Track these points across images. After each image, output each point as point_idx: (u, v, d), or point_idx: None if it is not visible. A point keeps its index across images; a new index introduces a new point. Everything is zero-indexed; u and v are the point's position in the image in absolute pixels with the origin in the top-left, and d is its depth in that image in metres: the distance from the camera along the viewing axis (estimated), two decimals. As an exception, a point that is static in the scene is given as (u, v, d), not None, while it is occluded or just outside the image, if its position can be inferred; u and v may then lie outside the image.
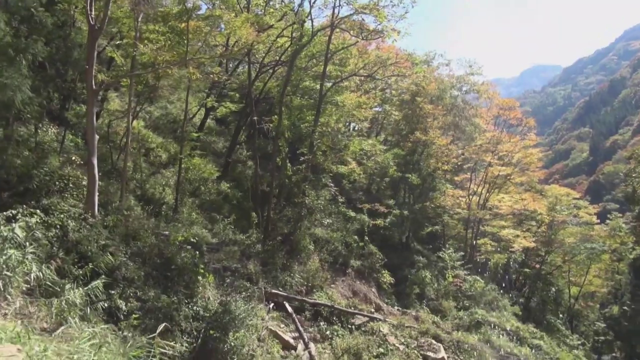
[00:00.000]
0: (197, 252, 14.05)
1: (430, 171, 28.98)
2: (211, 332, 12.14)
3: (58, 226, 11.90)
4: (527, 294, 42.89)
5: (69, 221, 12.26)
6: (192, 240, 14.10)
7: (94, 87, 13.22)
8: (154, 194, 19.47)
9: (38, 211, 11.64)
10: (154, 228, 14.90)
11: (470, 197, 35.16)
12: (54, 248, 11.19)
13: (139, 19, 15.10)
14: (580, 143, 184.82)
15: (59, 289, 9.52)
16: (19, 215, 10.73)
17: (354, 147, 25.15)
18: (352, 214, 25.92)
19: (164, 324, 10.43)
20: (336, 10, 21.65)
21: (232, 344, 12.07)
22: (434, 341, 17.70)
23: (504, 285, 42.12)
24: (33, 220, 10.76)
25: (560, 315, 44.00)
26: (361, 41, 25.93)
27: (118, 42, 17.89)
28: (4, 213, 10.40)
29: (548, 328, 37.80)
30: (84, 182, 13.71)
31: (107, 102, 24.67)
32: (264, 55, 26.31)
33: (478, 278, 27.48)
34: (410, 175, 27.49)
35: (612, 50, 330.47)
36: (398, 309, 21.91)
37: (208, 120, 34.05)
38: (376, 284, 22.87)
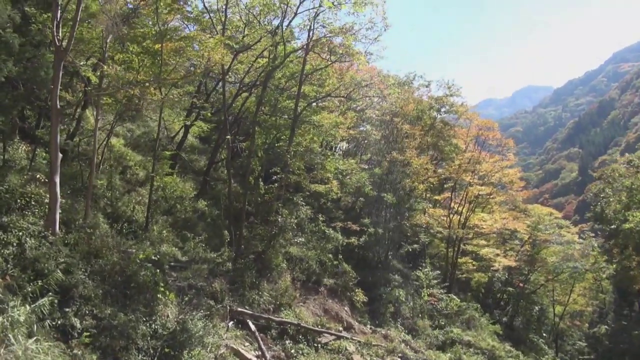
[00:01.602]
0: (158, 270, 14.09)
1: (407, 191, 29.25)
2: (166, 350, 12.19)
3: (15, 243, 12.02)
4: (511, 313, 42.97)
5: (27, 238, 12.38)
6: (153, 258, 14.19)
7: (58, 106, 13.46)
8: (126, 212, 19.53)
9: (-5, 228, 11.79)
10: (119, 246, 14.97)
11: (451, 216, 35.40)
12: (8, 265, 11.29)
13: (108, 40, 15.38)
14: (570, 163, 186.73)
15: (6, 307, 9.60)
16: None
17: (329, 166, 25.44)
18: (331, 232, 26.05)
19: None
20: (311, 33, 22.18)
21: (188, 362, 12.12)
22: (398, 359, 17.73)
23: (489, 303, 42.23)
24: (-12, 237, 10.85)
25: (544, 335, 44.03)
26: (341, 63, 26.50)
27: (88, 62, 18.16)
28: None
29: (531, 347, 37.81)
30: (47, 200, 13.81)
31: (85, 121, 24.82)
32: (243, 75, 26.77)
33: (454, 297, 27.58)
34: (386, 195, 27.74)
35: (602, 72, 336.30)
36: (370, 328, 21.93)
37: (191, 139, 34.37)
38: (349, 303, 22.90)
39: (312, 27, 21.82)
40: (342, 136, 27.52)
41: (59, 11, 13.34)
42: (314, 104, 25.88)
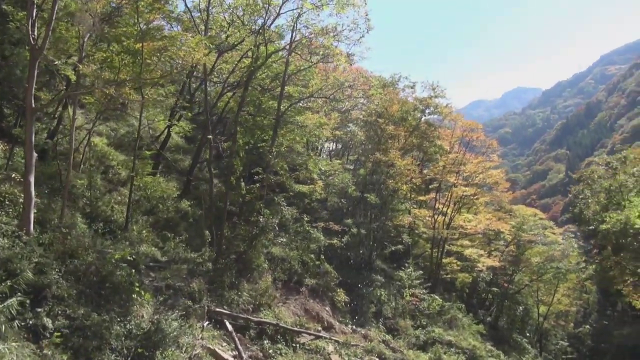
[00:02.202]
0: (134, 271, 14.05)
1: (390, 191, 29.38)
2: (140, 350, 12.18)
3: (-14, 243, 11.94)
4: (495, 313, 43.35)
5: (0, 238, 12.31)
6: (129, 258, 14.15)
7: (33, 105, 13.40)
8: (105, 212, 19.43)
9: (-33, 228, 11.71)
10: (95, 246, 14.91)
11: (436, 216, 35.62)
12: (-21, 265, 11.22)
13: (85, 39, 15.31)
14: (558, 164, 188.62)
15: (-26, 307, 9.55)
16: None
17: (312, 166, 25.51)
18: (314, 232, 26.09)
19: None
20: (294, 34, 22.25)
21: (161, 362, 12.12)
22: (377, 359, 17.84)
23: (474, 303, 42.56)
24: (-43, 237, 10.77)
25: (528, 334, 44.50)
26: (326, 64, 26.60)
27: (69, 61, 18.04)
28: None
29: (514, 346, 38.18)
30: (22, 200, 13.72)
31: (68, 120, 24.58)
32: (227, 75, 26.72)
33: (436, 297, 27.75)
34: (369, 195, 27.85)
35: (590, 74, 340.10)
36: (351, 328, 22.02)
37: (177, 139, 34.24)
38: (330, 303, 22.96)
39: (295, 28, 21.90)
40: (327, 137, 27.58)
41: (35, 9, 13.27)
42: (299, 104, 25.94)
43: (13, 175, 14.91)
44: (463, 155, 35.26)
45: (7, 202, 13.79)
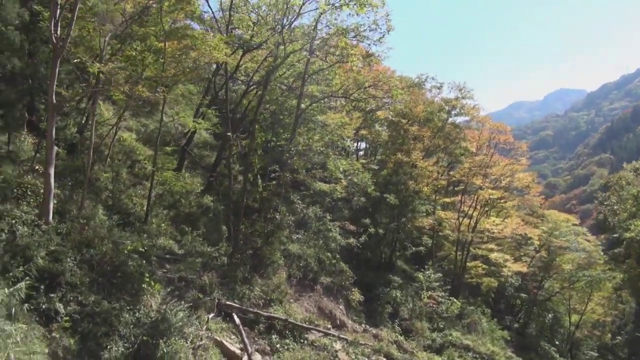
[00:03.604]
0: (145, 261, 14.59)
1: (411, 193, 29.19)
2: (145, 338, 12.66)
3: (7, 231, 12.67)
4: (523, 320, 42.39)
5: (20, 226, 13.03)
6: (140, 249, 14.69)
7: (54, 101, 14.11)
8: (127, 205, 20.16)
9: (-11, 216, 12.47)
10: (111, 237, 15.53)
11: (461, 219, 35.11)
12: (-3, 251, 11.93)
13: (107, 38, 15.97)
14: (601, 169, 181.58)
15: (-13, 289, 10.18)
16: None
17: (330, 165, 25.67)
18: (333, 231, 26.21)
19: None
20: (315, 34, 22.44)
21: (165, 350, 12.55)
22: (384, 359, 17.86)
23: (501, 309, 41.75)
24: (-24, 224, 11.48)
25: (557, 343, 43.24)
26: (343, 64, 26.64)
27: (93, 59, 18.80)
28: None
29: (542, 355, 37.29)
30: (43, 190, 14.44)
31: (100, 115, 25.48)
32: (252, 73, 27.19)
33: (455, 300, 27.40)
34: (388, 196, 27.76)
35: (638, 76, 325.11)
36: (363, 327, 22.08)
37: (205, 135, 35.07)
38: (345, 302, 23.08)
39: (315, 28, 22.08)
40: (349, 136, 27.68)
41: (58, 10, 13.96)
42: (320, 103, 26.12)
43: (37, 167, 15.69)
44: (490, 158, 34.59)
45: (29, 193, 14.52)
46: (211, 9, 22.02)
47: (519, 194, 43.66)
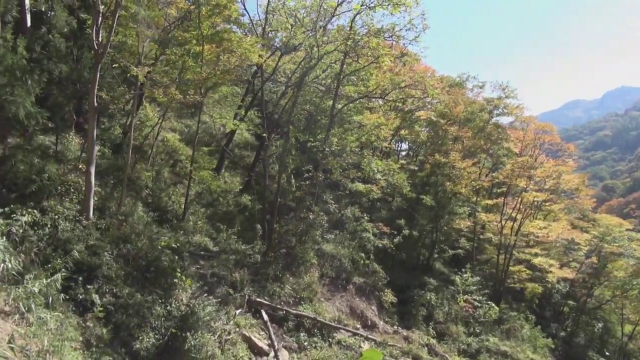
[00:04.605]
0: (177, 257, 15.19)
1: (449, 194, 28.71)
2: (174, 330, 13.21)
3: (49, 225, 13.55)
4: (570, 328, 40.72)
5: (61, 221, 13.90)
6: (173, 245, 15.31)
7: (95, 104, 14.94)
8: (167, 203, 21.00)
9: (35, 211, 13.37)
10: (148, 233, 16.27)
11: (504, 222, 34.20)
12: (40, 243, 12.79)
13: (145, 44, 16.73)
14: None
15: (29, 278, 10.95)
16: (17, 214, 12.43)
17: (365, 166, 25.68)
18: (369, 232, 26.20)
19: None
20: (350, 34, 22.54)
21: (192, 343, 13.05)
22: (412, 362, 17.75)
23: (547, 316, 40.28)
24: (24, 218, 12.36)
25: (607, 354, 41.23)
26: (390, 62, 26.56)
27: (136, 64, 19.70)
28: (2, 210, 12.02)
29: (589, 366, 35.80)
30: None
31: (145, 117, 26.57)
32: (290, 75, 27.63)
33: (493, 304, 26.72)
34: (424, 197, 27.45)
35: None
36: (395, 329, 21.97)
37: (246, 135, 35.89)
38: (377, 302, 23.05)
39: (351, 29, 22.19)
40: (385, 137, 27.59)
41: (100, 17, 14.78)
42: (357, 103, 26.20)
43: (80, 166, 16.63)
44: (535, 159, 33.48)
45: (72, 190, 15.44)
46: (248, 13, 22.50)
47: (568, 196, 42.00)
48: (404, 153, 46.02)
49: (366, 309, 21.75)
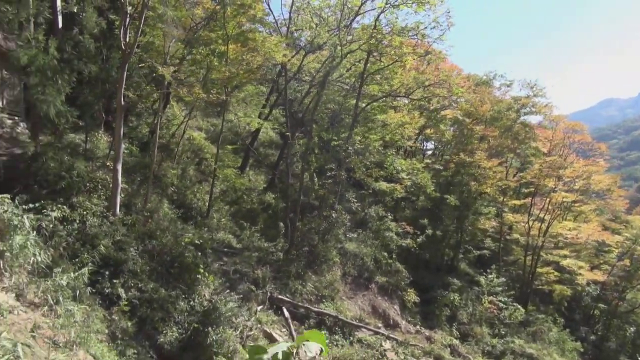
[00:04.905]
0: (200, 253, 15.46)
1: (474, 194, 28.31)
2: (196, 325, 13.46)
3: (78, 220, 13.98)
4: (601, 332, 39.66)
5: (89, 217, 14.33)
6: (196, 242, 15.58)
7: (122, 103, 15.32)
8: (192, 200, 21.37)
9: (65, 207, 13.82)
10: (172, 229, 16.61)
11: (531, 222, 33.55)
12: (69, 238, 13.22)
13: (170, 44, 17.05)
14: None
15: (58, 272, 11.33)
16: (47, 209, 12.89)
17: (388, 165, 25.56)
18: (392, 231, 26.08)
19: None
20: (373, 33, 22.51)
21: (214, 338, 13.27)
22: (434, 362, 17.62)
23: (576, 319, 39.36)
24: (54, 214, 12.79)
25: (640, 359, 40.03)
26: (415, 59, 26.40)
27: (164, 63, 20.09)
28: (33, 205, 12.43)
29: (621, 372, 34.88)
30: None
31: (173, 116, 27.06)
32: (314, 74, 27.71)
33: (519, 306, 26.26)
34: (449, 196, 27.16)
35: None
36: (417, 329, 21.83)
37: (271, 134, 36.16)
38: (400, 302, 22.94)
39: (375, 27, 22.14)
40: (410, 136, 27.42)
41: (127, 18, 15.16)
42: (381, 102, 26.10)
43: (108, 164, 17.08)
44: (565, 159, 32.71)
45: (99, 187, 15.88)
46: (272, 13, 22.67)
47: (599, 197, 40.91)
48: (429, 152, 45.58)
49: (388, 308, 21.68)
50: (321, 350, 1.68)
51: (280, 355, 1.67)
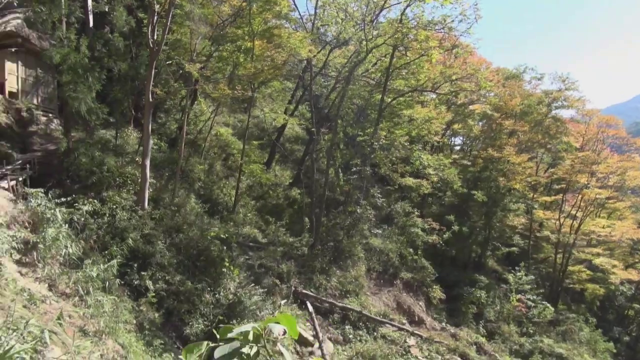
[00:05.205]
0: (225, 247, 15.69)
1: (502, 190, 27.75)
2: (220, 317, 13.69)
3: (108, 214, 14.39)
4: (635, 332, 38.50)
5: (119, 211, 14.72)
6: (222, 236, 15.83)
7: (150, 99, 15.66)
8: (218, 195, 21.69)
9: (96, 201, 14.24)
10: (199, 223, 16.91)
11: (562, 219, 32.76)
12: (100, 231, 13.64)
13: (197, 41, 17.30)
14: None
15: (88, 263, 11.70)
16: (79, 203, 13.32)
17: (414, 160, 25.31)
18: (418, 226, 25.86)
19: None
20: (399, 27, 22.33)
21: (238, 331, 13.47)
22: (459, 359, 17.44)
23: (610, 319, 38.32)
24: (85, 207, 13.20)
25: (677, 363, 38.69)
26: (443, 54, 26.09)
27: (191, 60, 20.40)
28: (65, 199, 12.86)
29: (656, 374, 33.82)
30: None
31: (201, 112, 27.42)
32: (340, 69, 27.66)
33: (548, 305, 25.69)
34: (476, 192, 26.73)
35: None
36: (442, 325, 21.64)
37: (298, 130, 36.28)
38: (425, 298, 22.78)
39: (400, 21, 21.95)
40: (436, 131, 27.07)
41: (155, 17, 15.46)
42: (407, 97, 25.88)
43: (137, 159, 17.48)
44: (598, 154, 31.76)
45: (129, 182, 16.30)
46: (298, 9, 22.71)
47: (635, 194, 39.59)
48: (457, 148, 44.93)
49: (413, 304, 21.57)
50: (284, 332, 1.73)
51: (250, 336, 1.72)
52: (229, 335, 1.73)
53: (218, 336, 1.79)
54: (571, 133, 32.08)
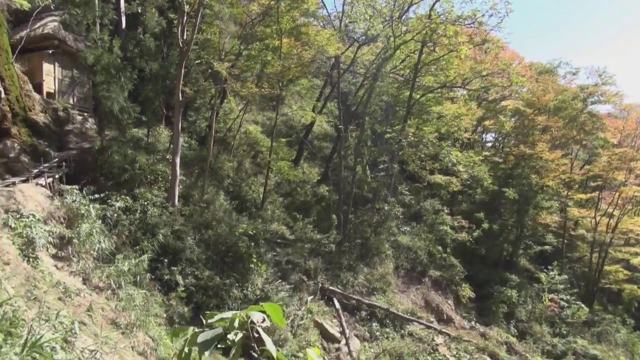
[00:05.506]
0: (253, 244, 15.91)
1: (534, 187, 27.09)
2: (248, 313, 13.89)
3: (139, 211, 14.80)
4: (675, 335, 37.10)
5: (150, 207, 15.12)
6: (250, 232, 16.04)
7: (180, 98, 15.99)
8: (247, 192, 21.96)
9: (128, 198, 14.68)
10: (228, 219, 17.19)
11: (598, 218, 31.78)
12: (132, 227, 14.04)
13: (226, 41, 17.55)
14: None
15: (120, 258, 12.07)
16: (112, 200, 13.75)
17: (443, 157, 25.03)
18: (446, 224, 25.54)
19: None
20: (428, 23, 22.10)
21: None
22: (488, 358, 17.20)
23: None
24: (118, 204, 13.61)
25: None
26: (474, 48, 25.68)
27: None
28: (99, 195, 13.29)
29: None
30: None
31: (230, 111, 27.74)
32: (368, 66, 27.55)
33: (582, 305, 24.98)
34: (507, 190, 26.21)
35: None
36: (472, 324, 21.36)
37: (326, 127, 36.34)
38: (454, 297, 22.51)
39: (429, 17, 21.72)
40: (466, 127, 26.68)
41: (185, 17, 15.76)
42: (436, 93, 25.60)
43: (168, 157, 17.88)
44: (637, 151, 30.62)
45: (159, 179, 16.72)
46: (325, 7, 22.74)
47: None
48: (489, 144, 44.08)
49: (442, 302, 21.36)
50: (263, 320, 1.79)
51: (236, 323, 1.78)
52: (210, 321, 1.80)
53: (204, 322, 1.87)
54: (608, 129, 31.07)
